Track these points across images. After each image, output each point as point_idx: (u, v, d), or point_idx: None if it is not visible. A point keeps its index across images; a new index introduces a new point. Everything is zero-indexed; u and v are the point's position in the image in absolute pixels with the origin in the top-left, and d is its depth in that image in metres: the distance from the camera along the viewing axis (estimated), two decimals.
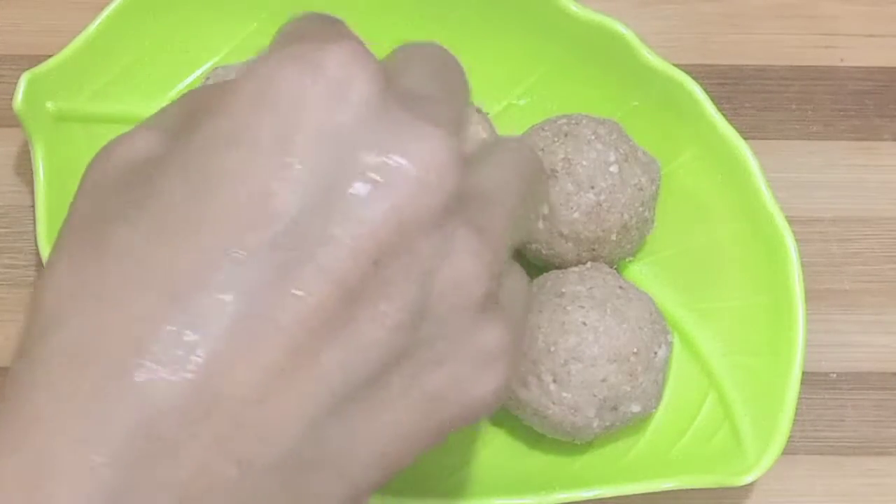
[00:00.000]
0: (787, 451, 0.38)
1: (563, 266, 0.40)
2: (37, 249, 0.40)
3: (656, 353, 0.38)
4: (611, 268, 0.40)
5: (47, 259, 0.25)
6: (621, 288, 0.38)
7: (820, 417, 0.42)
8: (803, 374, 0.39)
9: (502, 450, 0.40)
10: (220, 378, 0.23)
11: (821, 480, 0.41)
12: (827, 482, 0.41)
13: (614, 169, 0.39)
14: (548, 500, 0.38)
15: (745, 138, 0.41)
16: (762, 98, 0.46)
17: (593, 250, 0.40)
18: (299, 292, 0.23)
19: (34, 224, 0.41)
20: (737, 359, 0.41)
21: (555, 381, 0.37)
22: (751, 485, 0.38)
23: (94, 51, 0.42)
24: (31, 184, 0.42)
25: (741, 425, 0.39)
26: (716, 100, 0.41)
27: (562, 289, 0.38)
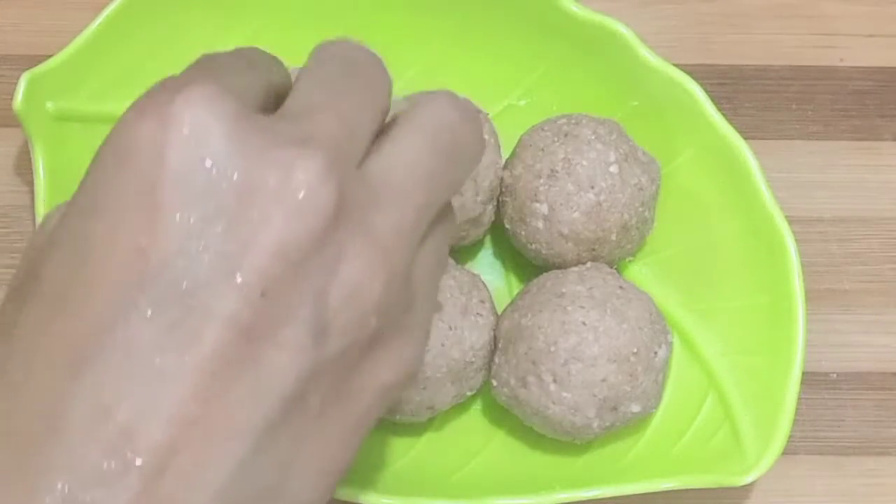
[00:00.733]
0: (787, 451, 0.39)
1: (563, 266, 0.40)
2: None
3: (656, 353, 0.38)
4: (611, 268, 0.40)
5: None
6: (621, 288, 0.38)
7: (820, 417, 0.42)
8: (803, 374, 0.39)
9: (502, 450, 0.40)
10: (132, 439, 0.23)
11: (821, 480, 0.41)
12: (827, 482, 0.41)
13: (614, 169, 0.39)
14: (548, 500, 0.38)
15: (745, 138, 0.41)
16: (762, 98, 0.46)
17: (593, 250, 0.40)
18: (194, 340, 0.23)
19: (34, 224, 0.41)
20: (737, 359, 0.41)
21: (555, 381, 0.37)
22: (751, 485, 0.38)
23: (94, 51, 0.42)
24: (31, 184, 0.42)
25: (741, 425, 0.39)
26: (716, 100, 0.41)
27: (562, 289, 0.38)
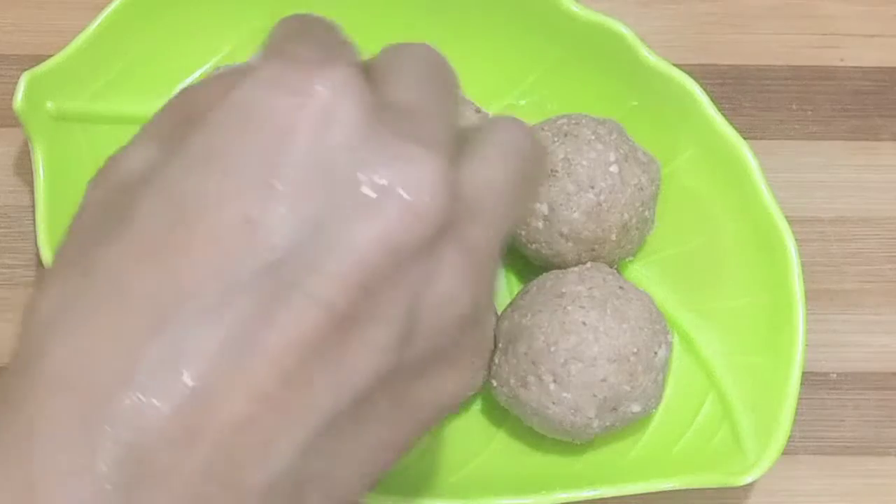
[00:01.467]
0: (787, 451, 0.39)
1: (563, 266, 0.40)
2: (37, 249, 0.40)
3: (656, 353, 0.38)
4: (611, 268, 0.40)
5: (38, 282, 0.25)
6: (621, 288, 0.38)
7: (820, 417, 0.42)
8: (803, 374, 0.39)
9: (502, 450, 0.40)
10: (207, 405, 0.23)
11: (821, 480, 0.41)
12: (827, 482, 0.41)
13: (614, 169, 0.39)
14: (548, 500, 0.38)
15: (745, 138, 0.41)
16: (762, 98, 0.46)
17: (593, 250, 0.40)
18: (288, 319, 0.23)
19: (34, 224, 0.41)
20: (737, 359, 0.41)
21: (555, 381, 0.37)
22: (751, 485, 0.38)
23: (94, 51, 0.42)
24: (31, 184, 0.42)
25: (741, 425, 0.39)
26: (716, 100, 0.41)
27: (562, 289, 0.38)
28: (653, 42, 0.41)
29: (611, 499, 0.38)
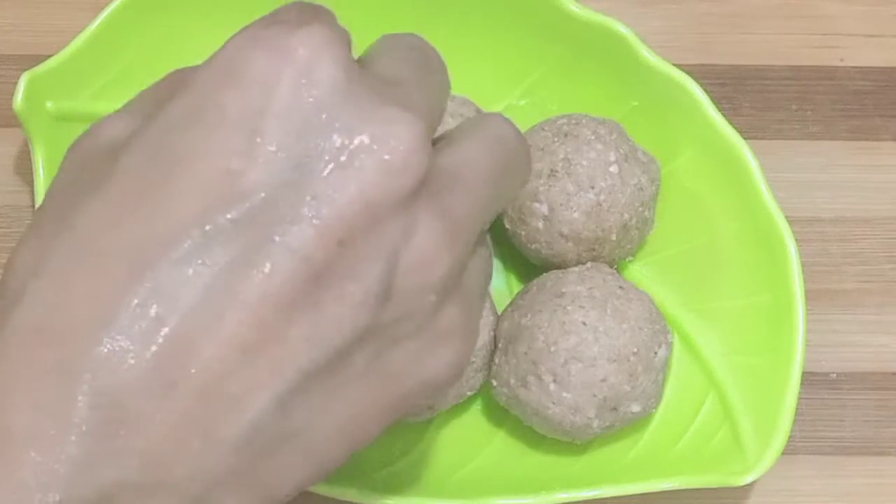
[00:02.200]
0: (787, 451, 0.39)
1: (563, 266, 0.40)
2: None
3: (656, 353, 0.38)
4: (611, 268, 0.40)
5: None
6: (621, 288, 0.38)
7: (820, 417, 0.42)
8: (803, 374, 0.39)
9: (502, 450, 0.40)
10: (185, 352, 0.23)
11: (821, 480, 0.41)
12: (827, 482, 0.41)
13: (614, 169, 0.39)
14: (548, 500, 0.38)
15: (745, 138, 0.41)
16: (762, 98, 0.46)
17: (593, 250, 0.40)
18: (266, 269, 0.24)
19: None
20: (737, 359, 0.41)
21: (555, 381, 0.37)
22: (751, 485, 0.38)
23: (94, 51, 0.42)
24: (31, 184, 0.42)
25: (741, 425, 0.39)
26: (716, 100, 0.41)
27: (562, 289, 0.38)
28: (653, 42, 0.41)
29: (611, 499, 0.38)
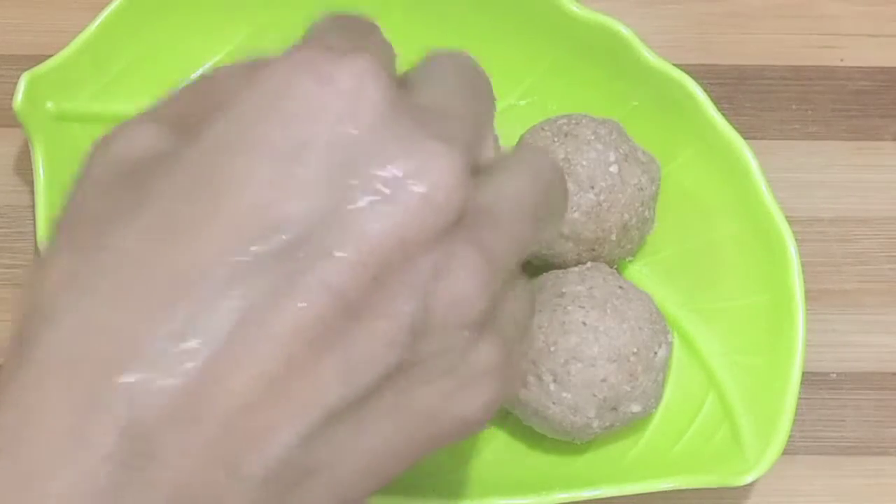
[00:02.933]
0: (787, 451, 0.38)
1: (563, 266, 0.40)
2: (37, 249, 0.40)
3: (656, 353, 0.38)
4: (611, 268, 0.40)
5: (43, 253, 0.24)
6: (621, 288, 0.38)
7: (820, 417, 0.42)
8: (803, 374, 0.39)
9: (502, 450, 0.40)
10: (213, 384, 0.23)
11: (821, 480, 0.41)
12: (827, 482, 0.41)
13: (614, 169, 0.39)
14: (548, 500, 0.38)
15: (745, 138, 0.41)
16: (762, 98, 0.46)
17: (593, 250, 0.40)
18: (298, 303, 0.23)
19: (34, 224, 0.41)
20: (737, 359, 0.41)
21: (555, 381, 0.37)
22: (751, 485, 0.38)
23: (94, 51, 0.42)
24: (31, 184, 0.42)
25: (741, 425, 0.39)
26: (716, 100, 0.41)
27: (562, 289, 0.38)
28: (653, 42, 0.41)
29: (611, 499, 0.38)
